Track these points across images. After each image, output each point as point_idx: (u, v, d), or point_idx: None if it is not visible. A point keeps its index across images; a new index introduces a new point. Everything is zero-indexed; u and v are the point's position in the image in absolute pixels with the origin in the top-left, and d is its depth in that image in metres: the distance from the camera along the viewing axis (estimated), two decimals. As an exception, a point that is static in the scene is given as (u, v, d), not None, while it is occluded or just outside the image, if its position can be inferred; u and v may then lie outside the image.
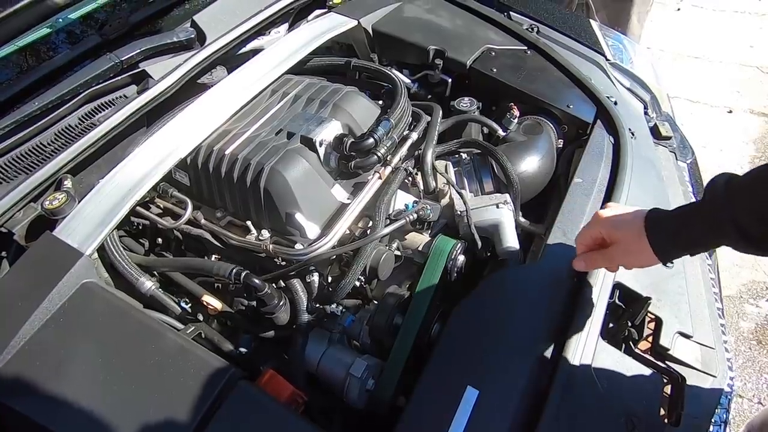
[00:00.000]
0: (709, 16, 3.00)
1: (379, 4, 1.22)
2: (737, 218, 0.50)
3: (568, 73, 1.09)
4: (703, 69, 2.61)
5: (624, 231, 0.59)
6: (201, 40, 1.08)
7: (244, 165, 0.79)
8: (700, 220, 0.54)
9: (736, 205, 0.50)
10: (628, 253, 0.60)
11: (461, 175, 0.88)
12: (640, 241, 0.57)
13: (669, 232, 0.56)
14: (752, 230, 0.49)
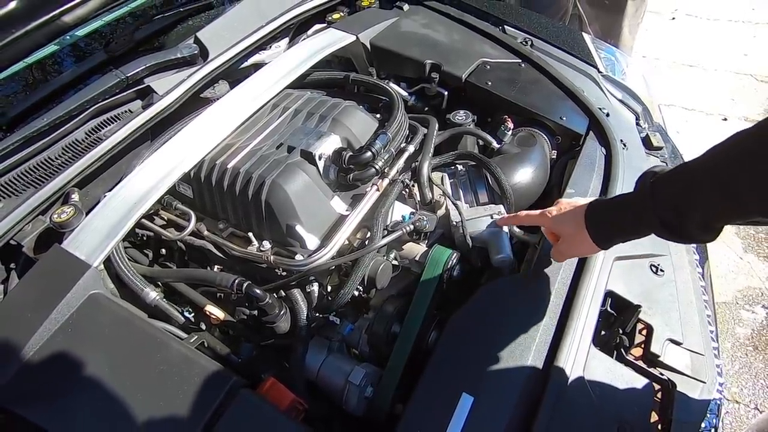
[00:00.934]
0: (703, 24, 3.04)
1: (376, 20, 1.25)
2: (658, 211, 0.55)
3: (561, 85, 1.12)
4: (699, 77, 2.64)
5: (567, 226, 0.66)
6: (204, 56, 1.11)
7: (246, 178, 0.81)
8: (630, 213, 0.60)
9: (656, 199, 0.56)
10: (572, 245, 0.67)
11: (457, 186, 0.90)
12: (581, 233, 0.63)
13: (605, 224, 0.63)
14: (672, 222, 0.55)
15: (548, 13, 1.55)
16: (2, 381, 0.61)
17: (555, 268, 0.77)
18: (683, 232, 0.55)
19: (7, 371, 0.62)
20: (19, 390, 0.61)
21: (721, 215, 0.53)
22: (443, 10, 1.33)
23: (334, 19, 1.29)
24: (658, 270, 0.83)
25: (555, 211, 0.69)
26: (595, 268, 0.78)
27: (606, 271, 0.79)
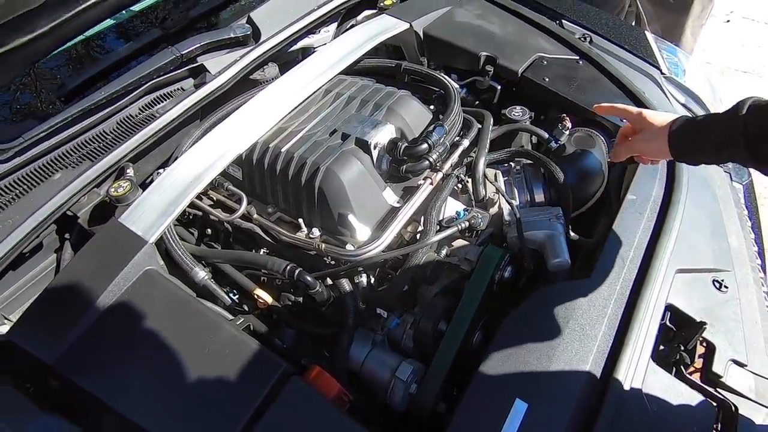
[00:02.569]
0: (761, 29, 2.88)
1: (430, 8, 1.22)
2: (749, 128, 0.56)
3: (621, 85, 1.07)
4: (753, 84, 2.51)
5: (655, 123, 0.68)
6: (256, 37, 1.11)
7: (299, 163, 0.80)
8: (720, 126, 0.61)
9: (749, 116, 0.57)
10: (649, 142, 0.68)
11: (511, 184, 0.87)
12: (662, 135, 0.65)
13: (691, 132, 0.64)
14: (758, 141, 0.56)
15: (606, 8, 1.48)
16: (59, 351, 0.62)
17: (614, 276, 0.74)
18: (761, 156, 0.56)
19: (65, 342, 0.63)
20: (74, 360, 0.62)
21: None
22: (499, 1, 1.29)
23: (386, 5, 1.25)
24: (722, 286, 0.79)
25: (647, 112, 0.70)
26: (656, 279, 0.74)
27: (667, 284, 0.76)
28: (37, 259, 0.86)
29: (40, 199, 0.80)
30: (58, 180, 0.85)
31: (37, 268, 0.87)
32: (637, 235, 0.80)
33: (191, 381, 0.62)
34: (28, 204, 0.80)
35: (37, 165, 0.86)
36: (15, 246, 0.74)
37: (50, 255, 0.88)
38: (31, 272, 0.86)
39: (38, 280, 0.86)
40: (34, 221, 0.75)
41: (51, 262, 0.88)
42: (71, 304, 0.65)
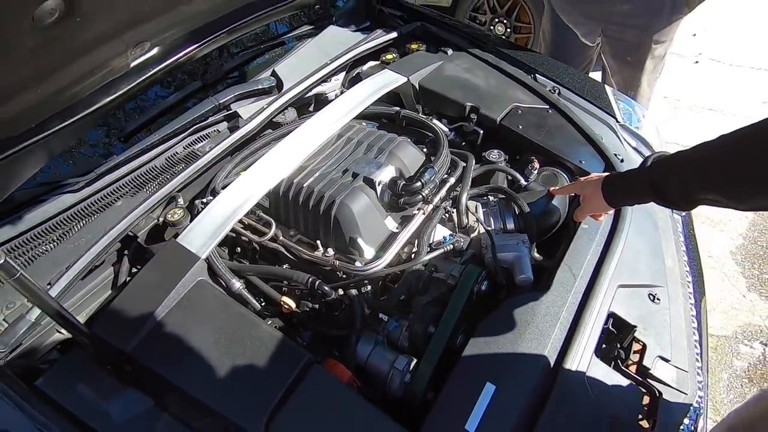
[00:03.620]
0: (726, 70, 3.17)
1: (424, 63, 1.45)
2: (652, 179, 0.78)
3: (582, 131, 1.29)
4: (718, 121, 2.77)
5: (590, 189, 0.92)
6: (279, 87, 1.32)
7: (318, 196, 1.00)
8: (634, 180, 0.83)
9: (652, 170, 0.79)
10: (591, 203, 0.92)
11: (488, 215, 1.08)
12: (598, 194, 0.89)
13: (616, 187, 0.87)
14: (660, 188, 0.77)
15: (574, 63, 1.72)
16: (136, 341, 0.80)
17: (568, 289, 0.93)
18: (666, 197, 0.77)
19: (139, 334, 0.81)
20: (147, 348, 0.80)
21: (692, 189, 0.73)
22: (482, 57, 1.52)
23: (387, 59, 1.48)
24: (655, 298, 0.99)
25: (583, 179, 0.96)
26: (601, 292, 0.94)
27: (610, 296, 0.95)
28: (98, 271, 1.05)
29: (107, 222, 0.99)
30: (120, 206, 1.04)
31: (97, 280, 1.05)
32: (587, 256, 1.00)
33: (236, 366, 0.80)
34: (98, 226, 0.99)
35: (102, 194, 1.05)
36: (91, 261, 0.92)
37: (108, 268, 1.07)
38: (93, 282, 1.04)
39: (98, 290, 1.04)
40: (107, 240, 0.94)
41: (109, 273, 1.06)
42: (143, 305, 0.83)
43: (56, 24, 0.63)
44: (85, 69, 0.79)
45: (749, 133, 0.65)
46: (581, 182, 0.97)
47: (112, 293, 1.02)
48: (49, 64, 0.70)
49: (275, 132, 1.26)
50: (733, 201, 0.69)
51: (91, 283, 1.02)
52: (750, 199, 0.68)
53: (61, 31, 0.65)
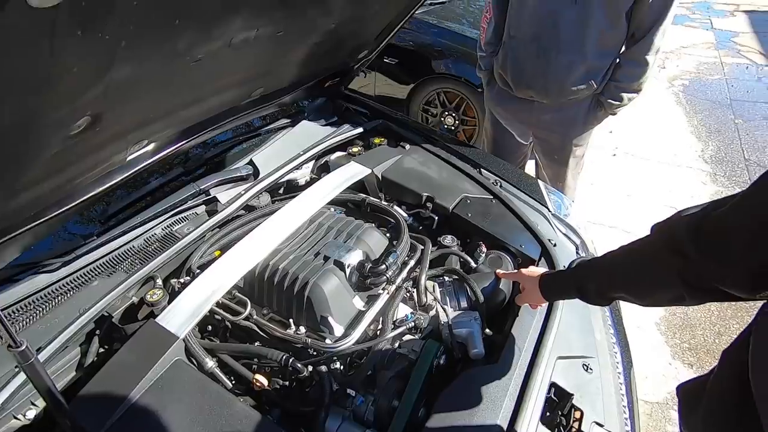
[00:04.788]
0: (638, 162, 3.72)
1: (386, 156, 1.65)
2: (574, 281, 0.95)
3: (521, 219, 1.50)
4: (634, 205, 3.20)
5: (529, 283, 1.08)
6: (256, 175, 1.46)
7: (292, 278, 1.10)
8: (561, 281, 1.01)
9: (574, 274, 0.96)
10: (531, 295, 1.07)
11: (444, 294, 1.21)
12: (536, 289, 1.05)
13: (550, 285, 1.03)
14: (582, 288, 0.93)
15: (512, 158, 2.02)
16: (110, 423, 0.82)
17: (514, 362, 1.06)
18: (587, 296, 0.93)
19: (114, 415, 0.82)
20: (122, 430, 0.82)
21: (606, 289, 0.89)
22: (435, 152, 1.76)
23: (354, 152, 1.68)
24: (588, 368, 1.13)
25: (526, 272, 1.11)
26: (543, 364, 1.07)
27: (551, 367, 1.09)
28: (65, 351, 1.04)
29: (82, 302, 1.02)
30: (97, 286, 1.08)
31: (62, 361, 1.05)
32: (530, 331, 1.14)
33: (211, 446, 0.83)
34: (73, 307, 1.02)
35: (78, 274, 1.09)
36: (64, 343, 0.94)
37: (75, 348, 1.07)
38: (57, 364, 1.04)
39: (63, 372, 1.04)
40: (82, 321, 0.97)
41: (75, 354, 1.06)
42: (119, 386, 0.86)
43: (78, 134, 0.74)
44: (90, 165, 0.88)
45: (637, 247, 0.84)
46: (523, 275, 1.12)
47: (77, 374, 1.02)
48: (61, 165, 0.79)
49: (249, 215, 1.37)
50: (636, 299, 0.87)
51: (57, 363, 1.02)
52: (648, 297, 0.86)
53: (79, 139, 0.76)
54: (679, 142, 4.00)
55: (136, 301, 1.08)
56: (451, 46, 3.26)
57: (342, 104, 1.94)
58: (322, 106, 1.92)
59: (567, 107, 1.76)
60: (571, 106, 1.76)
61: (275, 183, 1.48)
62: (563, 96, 1.71)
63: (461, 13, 3.64)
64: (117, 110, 0.75)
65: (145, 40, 0.65)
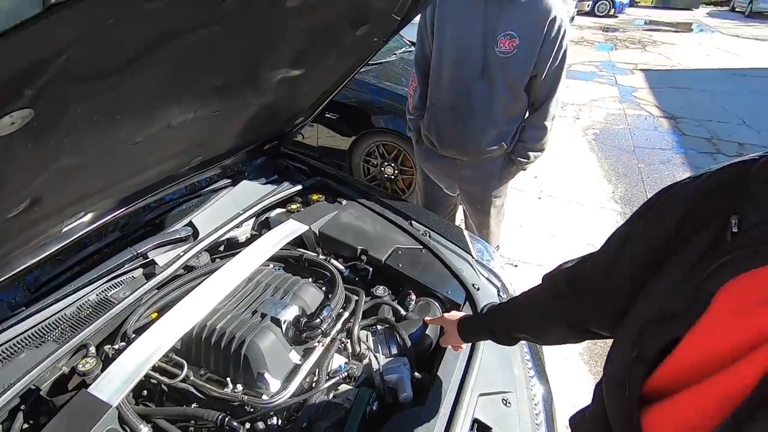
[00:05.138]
0: (560, 204, 4.12)
1: (324, 212, 1.77)
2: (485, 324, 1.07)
3: (448, 267, 1.66)
4: (558, 244, 3.52)
5: (450, 326, 1.18)
6: (195, 236, 1.51)
7: (230, 337, 1.15)
8: (476, 324, 1.14)
9: (485, 317, 1.10)
10: (452, 337, 1.18)
11: (377, 342, 1.31)
12: (456, 331, 1.15)
13: (466, 328, 1.14)
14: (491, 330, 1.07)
15: (442, 209, 2.22)
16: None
17: (440, 402, 1.16)
18: (497, 337, 1.06)
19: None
20: None
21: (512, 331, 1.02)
22: (370, 206, 1.90)
23: (293, 209, 1.78)
24: (507, 402, 1.26)
25: (447, 317, 1.23)
26: (466, 401, 1.18)
27: (473, 404, 1.20)
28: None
29: (7, 377, 1.01)
30: (23, 359, 1.06)
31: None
32: (454, 372, 1.25)
33: None
34: (-4, 383, 1.00)
35: (3, 348, 1.07)
36: (-14, 420, 0.92)
37: (-5, 426, 1.03)
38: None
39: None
40: (8, 396, 0.95)
41: (-4, 433, 1.03)
42: (47, 463, 0.85)
43: (15, 216, 0.79)
44: (24, 240, 0.92)
45: (532, 294, 1.01)
46: (446, 320, 1.24)
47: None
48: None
49: (188, 275, 1.41)
50: (535, 339, 1.02)
51: (-27, 445, 0.99)
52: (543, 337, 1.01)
53: (16, 219, 0.81)
54: (594, 184, 4.49)
55: (67, 371, 1.07)
56: (389, 103, 3.53)
57: (282, 162, 2.06)
58: (263, 165, 2.03)
59: (484, 164, 2.00)
60: (487, 164, 2.00)
61: (215, 242, 1.54)
62: (480, 155, 1.95)
63: (399, 73, 3.96)
64: (57, 192, 0.81)
65: (88, 135, 0.74)
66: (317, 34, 1.08)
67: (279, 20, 0.87)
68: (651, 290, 0.64)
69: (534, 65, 1.73)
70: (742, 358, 0.51)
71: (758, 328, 0.51)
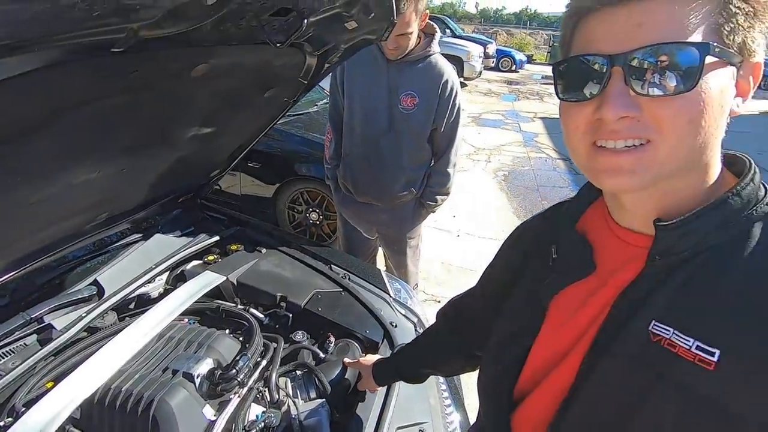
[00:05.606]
0: (477, 241, 4.44)
1: (242, 262, 1.78)
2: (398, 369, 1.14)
3: (366, 307, 1.73)
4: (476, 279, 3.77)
5: (366, 371, 1.23)
6: (100, 295, 1.44)
7: (137, 398, 1.10)
8: (388, 368, 1.20)
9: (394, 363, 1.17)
10: (368, 381, 1.22)
11: (295, 387, 1.32)
12: (371, 376, 1.20)
13: (379, 373, 1.21)
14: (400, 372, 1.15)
15: (362, 252, 2.32)
16: None
17: (357, 441, 1.20)
18: (406, 377, 1.14)
19: None
20: None
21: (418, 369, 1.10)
22: (290, 253, 1.95)
23: (209, 260, 1.77)
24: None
25: (363, 361, 1.27)
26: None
27: (391, 438, 1.25)
28: None
29: None
30: None
31: None
32: (371, 409, 1.30)
33: None
34: None
35: None
36: None
37: None
38: None
39: None
40: None
41: None
42: None
43: None
44: None
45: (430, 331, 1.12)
46: (362, 364, 1.29)
47: None
48: None
49: (91, 338, 1.34)
50: (440, 372, 1.12)
51: None
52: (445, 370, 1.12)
53: None
54: (506, 221, 4.92)
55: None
56: (312, 152, 3.65)
57: (199, 214, 2.05)
58: (178, 218, 2.00)
59: (398, 208, 2.16)
60: (400, 208, 2.16)
61: (123, 300, 1.48)
62: (392, 200, 2.10)
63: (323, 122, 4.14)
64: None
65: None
66: (226, 97, 1.16)
67: (185, 88, 0.94)
68: (504, 310, 0.78)
69: (433, 120, 1.96)
70: (570, 353, 0.65)
71: (578, 327, 0.65)
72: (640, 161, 0.53)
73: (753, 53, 0.52)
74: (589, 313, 0.65)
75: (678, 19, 0.49)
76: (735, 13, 0.49)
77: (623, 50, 0.51)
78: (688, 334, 0.54)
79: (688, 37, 0.49)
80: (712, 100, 0.51)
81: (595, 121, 0.55)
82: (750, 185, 0.57)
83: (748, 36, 0.51)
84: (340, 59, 1.34)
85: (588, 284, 0.66)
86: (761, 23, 0.51)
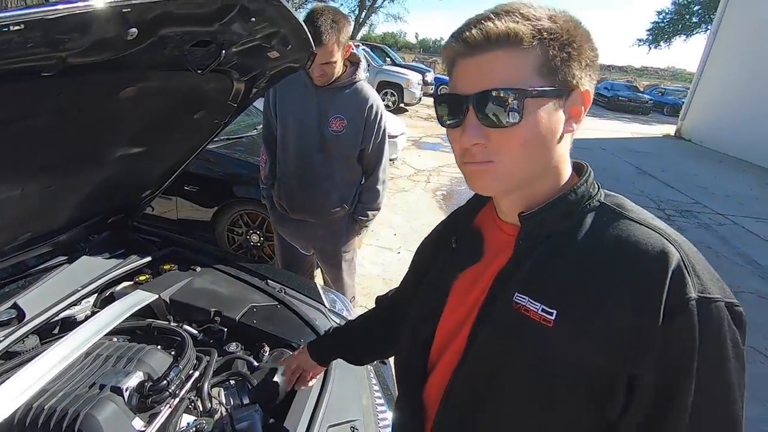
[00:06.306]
0: (417, 256, 4.63)
1: (175, 280, 1.79)
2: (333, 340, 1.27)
3: (302, 318, 1.81)
4: (417, 292, 3.93)
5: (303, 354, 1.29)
6: (20, 318, 1.40)
7: (61, 414, 1.10)
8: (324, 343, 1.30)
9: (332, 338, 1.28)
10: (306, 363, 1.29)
11: (229, 395, 1.37)
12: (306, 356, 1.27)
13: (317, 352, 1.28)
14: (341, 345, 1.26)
15: (300, 268, 2.40)
16: None
17: (290, 440, 1.26)
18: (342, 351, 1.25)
19: None
20: None
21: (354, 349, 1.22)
22: (226, 270, 1.98)
23: (141, 280, 1.77)
24: (355, 429, 1.41)
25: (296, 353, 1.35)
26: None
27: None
28: None
29: None
30: None
31: None
32: (304, 410, 1.37)
33: None
34: None
35: None
36: None
37: None
38: None
39: None
40: None
41: None
42: None
43: None
44: None
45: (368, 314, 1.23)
46: (295, 354, 1.39)
47: None
48: None
49: (9, 362, 1.30)
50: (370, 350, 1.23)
51: None
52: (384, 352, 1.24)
53: None
54: (443, 237, 5.17)
55: None
56: (252, 175, 3.68)
57: (130, 236, 2.03)
58: (108, 240, 1.97)
59: (332, 224, 2.27)
60: (334, 223, 2.27)
61: (46, 323, 1.45)
62: (326, 216, 2.22)
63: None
64: None
65: None
66: (155, 118, 1.23)
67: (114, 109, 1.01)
68: (419, 293, 0.92)
69: (362, 140, 2.12)
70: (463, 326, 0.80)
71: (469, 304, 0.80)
72: (488, 174, 0.69)
73: (578, 85, 0.69)
74: (477, 291, 0.80)
75: (510, 68, 0.65)
76: (554, 57, 0.66)
77: (473, 91, 0.67)
78: (537, 300, 0.70)
79: (517, 82, 0.65)
80: (541, 127, 0.67)
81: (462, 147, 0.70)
82: (584, 185, 0.75)
83: (568, 73, 0.68)
84: (267, 84, 1.46)
85: (478, 268, 0.82)
86: (577, 62, 0.69)
